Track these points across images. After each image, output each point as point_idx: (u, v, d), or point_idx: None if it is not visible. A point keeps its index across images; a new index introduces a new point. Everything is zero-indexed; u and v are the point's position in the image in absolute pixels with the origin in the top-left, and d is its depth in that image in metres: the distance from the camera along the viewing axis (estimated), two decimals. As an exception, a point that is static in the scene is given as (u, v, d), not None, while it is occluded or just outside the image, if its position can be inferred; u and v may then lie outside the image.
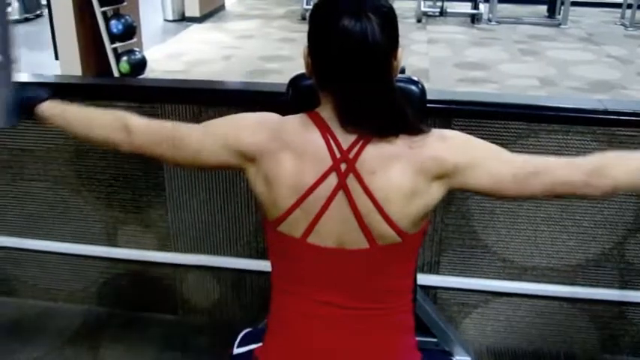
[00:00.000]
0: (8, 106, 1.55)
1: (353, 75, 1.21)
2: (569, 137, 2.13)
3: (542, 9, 10.33)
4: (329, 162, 1.24)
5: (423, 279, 2.36)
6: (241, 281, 2.56)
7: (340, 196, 1.24)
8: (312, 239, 1.27)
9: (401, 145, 1.24)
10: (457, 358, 2.23)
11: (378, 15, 1.19)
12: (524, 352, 2.44)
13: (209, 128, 1.37)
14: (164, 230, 2.52)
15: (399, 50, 1.26)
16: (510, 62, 7.44)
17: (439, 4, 9.96)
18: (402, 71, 1.31)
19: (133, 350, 2.48)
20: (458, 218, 2.29)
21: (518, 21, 9.79)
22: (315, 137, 1.25)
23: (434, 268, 2.38)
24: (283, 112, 1.37)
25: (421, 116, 1.66)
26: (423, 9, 9.72)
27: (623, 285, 2.31)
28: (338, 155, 1.24)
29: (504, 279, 2.36)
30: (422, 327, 2.24)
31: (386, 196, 1.23)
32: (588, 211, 2.22)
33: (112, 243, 2.57)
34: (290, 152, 1.25)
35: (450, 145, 1.27)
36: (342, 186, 1.24)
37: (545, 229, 2.26)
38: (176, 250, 2.55)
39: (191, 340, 2.53)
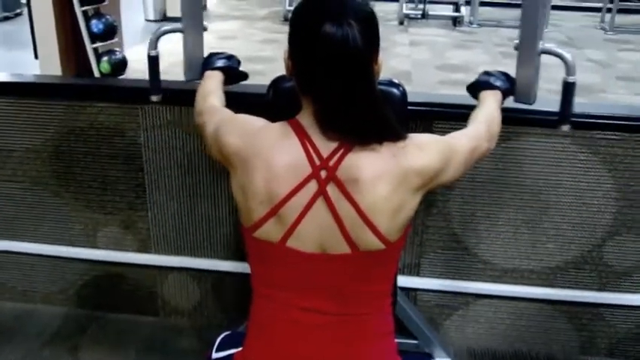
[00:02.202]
0: (193, 64, 1.87)
1: (334, 80, 1.20)
2: (549, 140, 2.15)
3: (523, 12, 10.40)
4: (308, 170, 1.23)
5: (404, 281, 2.36)
6: (221, 283, 2.55)
7: (320, 202, 1.24)
8: (291, 243, 1.26)
9: (384, 153, 1.24)
10: (437, 359, 2.24)
11: (359, 20, 1.19)
12: (505, 353, 2.45)
13: (217, 125, 1.40)
14: (144, 232, 2.50)
15: (380, 55, 1.26)
16: (491, 65, 7.37)
17: (421, 6, 10.01)
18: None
19: (113, 352, 2.46)
20: (439, 220, 2.29)
21: (499, 24, 9.85)
22: (293, 145, 1.25)
23: (414, 270, 2.38)
24: (264, 114, 1.37)
25: (402, 120, 1.67)
26: (404, 11, 9.76)
27: (602, 287, 2.33)
28: (317, 163, 1.23)
29: (485, 281, 2.37)
30: (402, 329, 2.25)
31: (373, 207, 1.22)
32: (567, 213, 2.24)
33: (92, 244, 2.55)
34: (263, 161, 1.25)
35: (427, 154, 1.29)
36: (322, 192, 1.23)
37: (525, 231, 2.28)
38: (157, 251, 2.53)
39: (172, 342, 2.52)
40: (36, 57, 6.12)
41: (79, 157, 2.42)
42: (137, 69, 6.85)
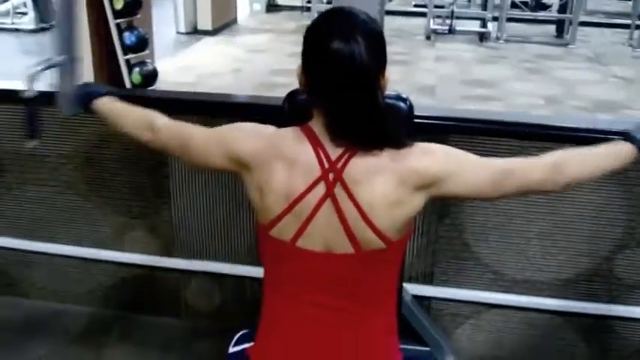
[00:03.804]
0: (70, 98, 1.79)
1: (342, 93, 1.30)
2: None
3: (551, 29, 10.43)
4: (318, 172, 1.32)
5: (417, 289, 2.43)
6: (242, 287, 2.64)
7: (328, 203, 1.33)
8: (300, 243, 1.35)
9: (385, 157, 1.32)
10: (449, 367, 2.30)
11: (366, 38, 1.28)
12: (515, 363, 2.50)
13: (214, 135, 1.48)
14: (169, 236, 2.61)
15: (387, 70, 1.35)
16: (516, 81, 7.52)
17: (448, 22, 10.06)
18: None
19: (136, 352, 2.56)
20: (451, 230, 2.36)
21: (526, 40, 9.88)
22: (307, 149, 1.34)
23: (428, 279, 2.45)
24: (281, 125, 1.45)
25: (409, 131, 1.75)
26: (432, 26, 9.84)
27: (612, 299, 2.37)
28: (327, 166, 1.32)
29: (496, 291, 2.42)
30: (415, 336, 2.31)
31: (371, 204, 1.31)
32: (579, 226, 2.29)
33: (119, 247, 2.66)
34: (282, 162, 1.34)
35: (431, 158, 1.36)
36: (329, 194, 1.32)
37: (537, 243, 2.33)
38: (180, 255, 2.63)
39: (193, 343, 2.60)
40: (70, 67, 6.29)
41: (108, 164, 2.54)
42: (167, 80, 7.02)
